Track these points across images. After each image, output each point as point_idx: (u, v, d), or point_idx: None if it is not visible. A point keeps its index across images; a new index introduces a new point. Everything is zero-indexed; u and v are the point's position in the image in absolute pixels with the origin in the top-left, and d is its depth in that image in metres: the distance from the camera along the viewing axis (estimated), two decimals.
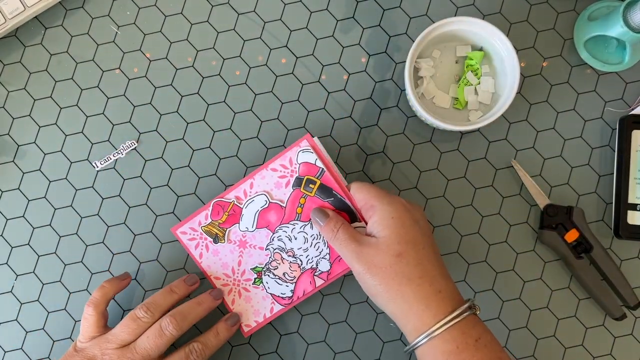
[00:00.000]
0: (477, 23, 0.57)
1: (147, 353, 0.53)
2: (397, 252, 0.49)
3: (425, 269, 0.49)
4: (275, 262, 0.58)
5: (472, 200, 0.61)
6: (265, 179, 0.58)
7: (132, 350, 0.53)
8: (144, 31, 0.63)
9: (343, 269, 0.58)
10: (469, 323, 0.48)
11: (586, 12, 0.61)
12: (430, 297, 0.49)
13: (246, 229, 0.59)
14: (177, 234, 0.59)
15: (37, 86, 0.62)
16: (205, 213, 0.59)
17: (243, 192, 0.59)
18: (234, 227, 0.59)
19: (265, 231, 0.58)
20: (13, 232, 0.62)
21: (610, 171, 0.61)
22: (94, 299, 0.56)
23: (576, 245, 0.59)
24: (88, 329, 0.55)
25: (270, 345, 0.60)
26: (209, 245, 0.59)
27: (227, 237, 0.59)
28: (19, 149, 0.62)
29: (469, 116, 0.60)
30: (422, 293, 0.49)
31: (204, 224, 0.59)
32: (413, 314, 0.49)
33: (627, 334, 0.60)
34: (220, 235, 0.59)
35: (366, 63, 0.62)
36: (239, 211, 0.59)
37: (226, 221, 0.59)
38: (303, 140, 0.58)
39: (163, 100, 0.62)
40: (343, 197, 0.57)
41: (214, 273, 0.59)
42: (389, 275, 0.49)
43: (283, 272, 0.58)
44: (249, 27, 0.62)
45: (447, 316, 0.48)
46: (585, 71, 0.62)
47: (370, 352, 0.60)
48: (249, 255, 0.59)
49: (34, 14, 0.61)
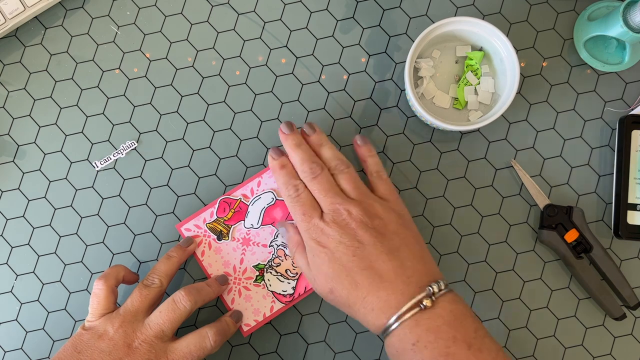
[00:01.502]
0: (477, 23, 0.57)
1: (161, 329, 0.52)
2: (328, 288, 0.52)
3: (357, 296, 0.50)
4: (278, 258, 0.58)
5: (472, 200, 0.61)
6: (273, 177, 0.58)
7: (146, 327, 0.52)
8: (144, 31, 0.63)
9: None
10: (408, 327, 0.48)
11: (586, 12, 0.61)
12: (365, 317, 0.51)
13: (251, 226, 0.59)
14: (182, 230, 0.59)
15: (37, 86, 0.62)
16: (211, 210, 0.59)
17: (250, 190, 0.59)
18: (238, 224, 0.59)
19: (270, 228, 0.59)
20: (13, 232, 0.62)
21: (610, 171, 0.61)
22: (105, 274, 0.55)
23: (576, 245, 0.59)
24: (98, 306, 0.54)
25: (270, 345, 0.60)
26: (212, 243, 0.59)
27: (231, 235, 0.59)
28: (19, 149, 0.62)
29: (469, 116, 0.60)
30: (359, 315, 0.51)
31: (208, 221, 0.59)
32: (365, 323, 0.52)
33: (627, 334, 0.60)
34: (224, 232, 0.59)
35: (366, 63, 0.62)
36: (245, 208, 0.59)
37: (231, 218, 0.59)
38: None
39: (163, 100, 0.62)
40: None
41: (215, 272, 0.59)
42: (329, 300, 0.53)
43: (285, 269, 0.58)
44: (249, 27, 0.62)
45: (384, 326, 0.49)
46: (585, 71, 0.62)
47: (370, 352, 0.60)
48: (252, 252, 0.59)
49: (34, 14, 0.61)
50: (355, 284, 0.50)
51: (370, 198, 0.53)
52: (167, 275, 0.55)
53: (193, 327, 0.60)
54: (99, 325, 0.53)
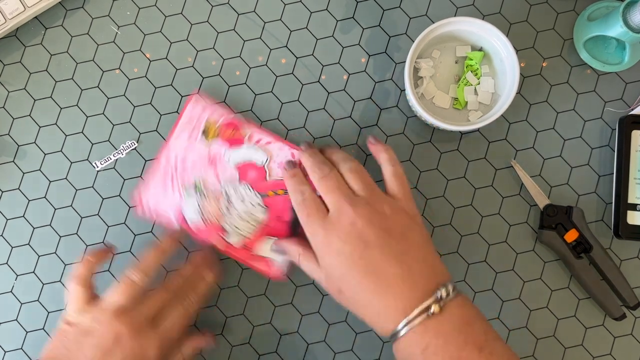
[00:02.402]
0: (477, 23, 0.57)
1: (119, 304, 0.52)
2: (337, 288, 0.51)
3: (364, 299, 0.50)
4: (213, 195, 0.58)
5: (472, 200, 0.61)
6: (281, 152, 0.58)
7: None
8: (144, 31, 0.63)
9: (237, 257, 0.58)
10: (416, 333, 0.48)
11: (586, 13, 0.61)
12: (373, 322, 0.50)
13: (228, 159, 0.59)
14: (189, 104, 0.59)
15: (37, 86, 0.62)
16: (223, 114, 0.59)
17: (257, 140, 0.59)
18: (224, 147, 0.59)
19: (236, 175, 0.58)
20: (13, 232, 0.62)
21: (610, 171, 0.61)
22: (77, 275, 0.53)
23: (576, 245, 0.59)
24: (74, 304, 0.53)
25: (270, 345, 0.60)
26: (195, 137, 0.59)
27: (211, 142, 0.59)
28: (19, 149, 0.62)
29: (469, 116, 0.60)
30: (367, 319, 0.51)
31: (209, 119, 0.59)
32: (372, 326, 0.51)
33: (627, 334, 0.60)
34: (209, 134, 0.59)
35: (366, 63, 0.62)
36: (240, 142, 0.59)
37: (228, 138, 0.59)
38: None
39: (163, 100, 0.62)
40: None
41: (166, 155, 0.59)
42: (339, 301, 0.52)
43: (205, 206, 0.58)
44: (249, 27, 0.62)
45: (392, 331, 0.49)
46: (585, 71, 0.62)
47: (370, 352, 0.60)
48: (207, 169, 0.59)
49: (34, 14, 0.61)
50: (362, 287, 0.49)
51: (379, 197, 0.52)
52: (155, 270, 0.55)
53: (193, 327, 0.60)
54: (83, 322, 0.52)
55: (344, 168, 0.54)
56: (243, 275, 0.61)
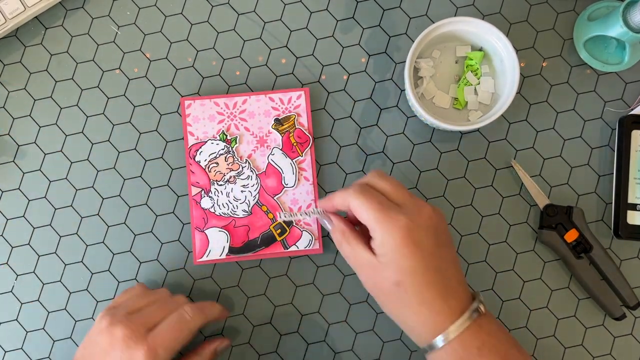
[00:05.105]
0: (477, 23, 0.57)
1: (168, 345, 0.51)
2: (395, 281, 0.49)
3: (423, 297, 0.48)
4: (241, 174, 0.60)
5: (472, 200, 0.61)
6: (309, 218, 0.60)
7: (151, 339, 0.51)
8: (144, 31, 0.63)
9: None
10: (470, 332, 0.48)
11: (586, 13, 0.61)
12: (427, 321, 0.49)
13: (271, 153, 0.60)
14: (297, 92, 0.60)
15: (37, 86, 0.62)
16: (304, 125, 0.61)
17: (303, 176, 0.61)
18: (278, 141, 0.60)
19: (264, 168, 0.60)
20: (13, 232, 0.62)
21: (610, 171, 0.61)
22: (205, 315, 0.54)
23: (576, 245, 0.59)
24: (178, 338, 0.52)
25: (270, 345, 0.60)
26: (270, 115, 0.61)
27: (280, 131, 0.60)
28: (19, 149, 0.62)
29: (469, 116, 0.60)
30: (421, 318, 0.49)
31: (294, 113, 0.61)
32: (412, 332, 0.51)
33: (626, 334, 0.60)
34: (283, 125, 0.60)
35: (366, 63, 0.62)
36: (291, 153, 0.60)
37: (289, 140, 0.60)
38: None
39: (163, 100, 0.62)
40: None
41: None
42: (388, 298, 0.50)
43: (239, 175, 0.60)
44: (249, 27, 0.63)
45: (443, 334, 0.48)
46: (585, 71, 0.62)
47: (370, 352, 0.60)
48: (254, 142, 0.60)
49: (34, 14, 0.61)
50: (429, 284, 0.48)
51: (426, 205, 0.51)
52: (176, 349, 0.52)
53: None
54: None
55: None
56: (243, 275, 0.61)
